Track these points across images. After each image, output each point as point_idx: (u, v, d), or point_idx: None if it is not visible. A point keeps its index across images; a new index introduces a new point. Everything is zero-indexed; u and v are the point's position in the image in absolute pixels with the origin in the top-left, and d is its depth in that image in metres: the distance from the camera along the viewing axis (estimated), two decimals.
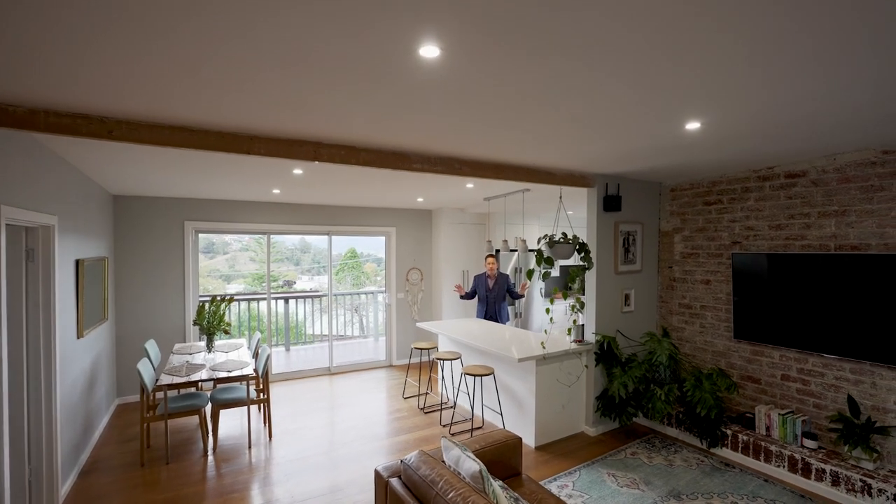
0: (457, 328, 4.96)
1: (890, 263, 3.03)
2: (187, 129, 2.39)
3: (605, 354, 4.09)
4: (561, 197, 4.05)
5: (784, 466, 3.31)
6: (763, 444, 3.43)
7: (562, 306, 7.85)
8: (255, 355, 4.62)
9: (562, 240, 3.82)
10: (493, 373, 3.94)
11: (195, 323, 4.10)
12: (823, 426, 3.37)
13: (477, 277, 5.87)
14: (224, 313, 4.20)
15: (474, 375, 3.92)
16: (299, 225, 5.88)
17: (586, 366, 4.07)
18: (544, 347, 3.85)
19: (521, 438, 2.63)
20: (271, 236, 5.79)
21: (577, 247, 3.82)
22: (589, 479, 3.29)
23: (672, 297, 4.49)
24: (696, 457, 3.64)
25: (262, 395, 4.25)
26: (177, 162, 3.30)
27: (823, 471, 3.11)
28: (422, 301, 6.87)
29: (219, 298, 4.26)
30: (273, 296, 5.99)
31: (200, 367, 3.85)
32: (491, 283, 5.75)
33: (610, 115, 2.33)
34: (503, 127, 2.52)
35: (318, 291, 8.41)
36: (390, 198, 5.56)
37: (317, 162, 2.76)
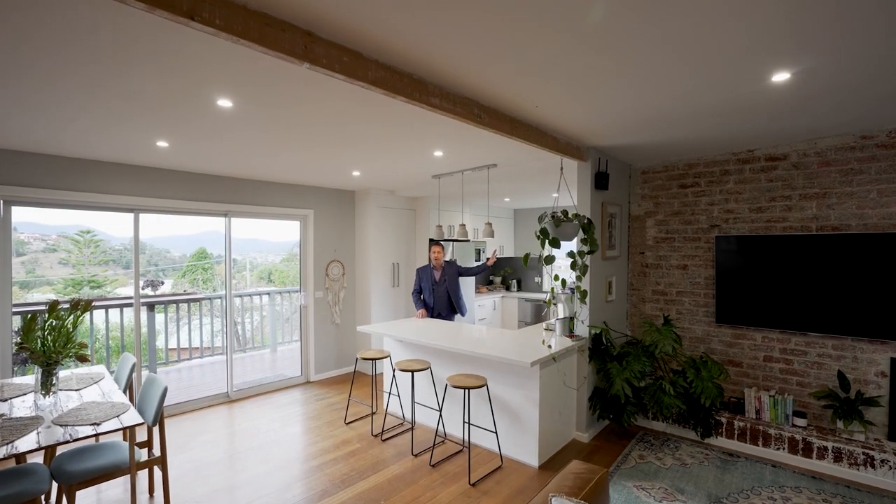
0: (416, 331, 4.06)
1: (869, 242, 3.17)
2: None
3: (598, 349, 3.67)
4: (562, 169, 3.50)
5: (784, 448, 3.28)
6: (761, 428, 3.37)
7: (489, 300, 7.45)
8: (128, 389, 3.05)
9: (563, 217, 3.26)
10: (485, 383, 3.17)
11: (20, 347, 2.42)
12: (809, 403, 3.45)
13: (420, 271, 5.02)
14: (77, 327, 2.59)
15: (464, 388, 3.10)
16: (186, 201, 4.24)
17: (589, 363, 3.59)
18: (550, 347, 3.24)
19: (606, 470, 1.95)
20: (139, 215, 4.04)
21: (582, 226, 3.30)
22: (622, 500, 2.78)
23: (645, 285, 4.31)
24: (700, 451, 3.43)
25: (150, 452, 2.76)
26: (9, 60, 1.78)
27: (825, 448, 3.13)
28: (344, 300, 5.70)
29: (63, 306, 2.62)
30: (142, 300, 4.20)
31: (32, 422, 2.26)
32: (437, 274, 4.96)
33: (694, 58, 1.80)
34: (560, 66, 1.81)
35: (194, 293, 6.50)
36: (316, 170, 4.35)
37: (306, 65, 1.66)
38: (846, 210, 3.31)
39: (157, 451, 2.71)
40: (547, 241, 3.20)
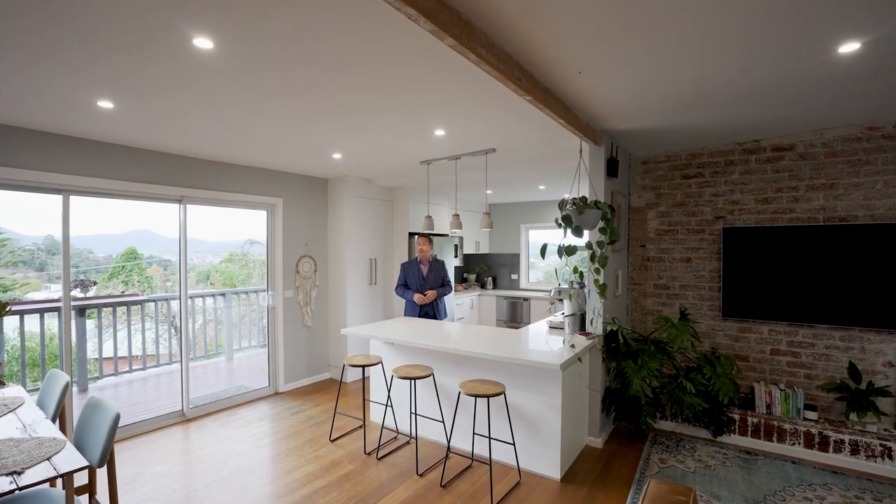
0: (410, 333, 3.62)
1: (876, 232, 3.17)
2: None
3: (610, 346, 3.44)
4: (581, 152, 3.21)
5: (800, 443, 3.21)
6: (775, 423, 3.29)
7: (467, 299, 7.11)
8: (60, 417, 2.38)
9: (584, 204, 2.98)
10: (503, 391, 2.81)
11: None
12: (817, 396, 3.41)
13: (406, 266, 4.60)
14: None
15: (481, 396, 2.72)
16: (131, 182, 3.50)
17: (603, 362, 3.34)
18: (573, 346, 2.95)
19: (693, 490, 1.66)
20: (69, 197, 3.27)
21: (604, 214, 3.04)
22: None
23: (646, 279, 4.16)
24: (717, 451, 3.29)
25: (93, 499, 2.13)
26: None
27: (842, 441, 3.08)
28: (316, 300, 5.12)
29: None
30: (73, 304, 3.40)
31: None
32: (425, 270, 4.56)
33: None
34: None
35: (135, 295, 5.61)
36: (292, 150, 3.78)
37: None
38: (853, 201, 3.30)
39: (102, 499, 2.09)
40: (570, 229, 2.90)
